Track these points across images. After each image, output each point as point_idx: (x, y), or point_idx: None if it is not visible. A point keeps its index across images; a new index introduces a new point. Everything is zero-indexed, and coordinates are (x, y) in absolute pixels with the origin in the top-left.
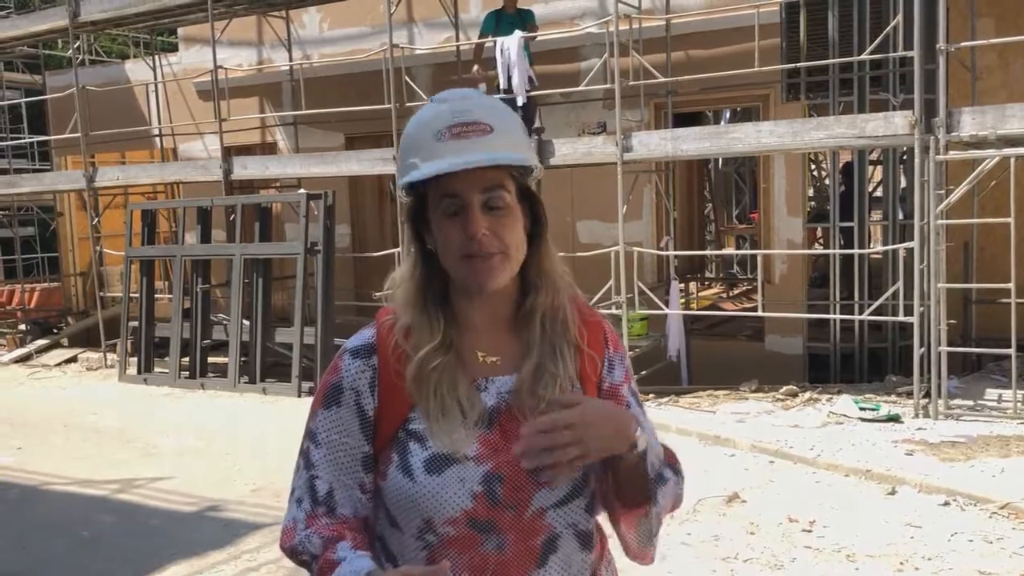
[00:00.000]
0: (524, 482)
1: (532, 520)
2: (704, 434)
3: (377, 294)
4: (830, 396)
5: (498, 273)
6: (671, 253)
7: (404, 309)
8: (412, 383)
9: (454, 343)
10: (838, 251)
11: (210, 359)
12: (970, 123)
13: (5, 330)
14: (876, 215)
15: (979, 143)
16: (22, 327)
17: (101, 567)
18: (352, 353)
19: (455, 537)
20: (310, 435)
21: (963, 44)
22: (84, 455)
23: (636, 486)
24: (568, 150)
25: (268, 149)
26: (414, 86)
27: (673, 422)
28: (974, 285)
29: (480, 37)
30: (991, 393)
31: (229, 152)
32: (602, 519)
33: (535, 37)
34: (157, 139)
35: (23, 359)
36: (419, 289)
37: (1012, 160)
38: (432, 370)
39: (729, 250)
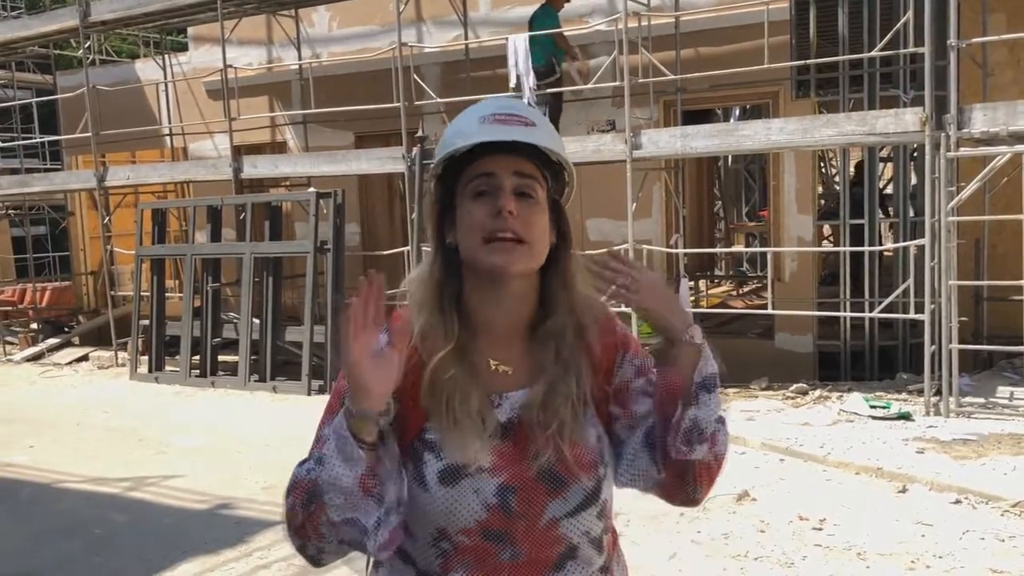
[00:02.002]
0: (537, 493)
1: (546, 530)
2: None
3: (387, 292)
4: (840, 394)
5: (519, 258)
6: (681, 251)
7: (420, 309)
8: (426, 391)
9: (468, 349)
10: (848, 248)
11: (220, 357)
12: (981, 119)
13: (17, 329)
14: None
15: (990, 140)
16: (34, 326)
17: (114, 565)
18: None
19: (469, 546)
20: (322, 442)
21: (974, 40)
22: (96, 453)
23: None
24: (577, 148)
25: (278, 148)
26: (423, 85)
27: None
28: (985, 282)
29: (538, 29)
30: (1003, 391)
31: (239, 151)
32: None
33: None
34: (167, 138)
35: (35, 358)
36: (437, 286)
37: None
38: (447, 380)
39: (739, 248)
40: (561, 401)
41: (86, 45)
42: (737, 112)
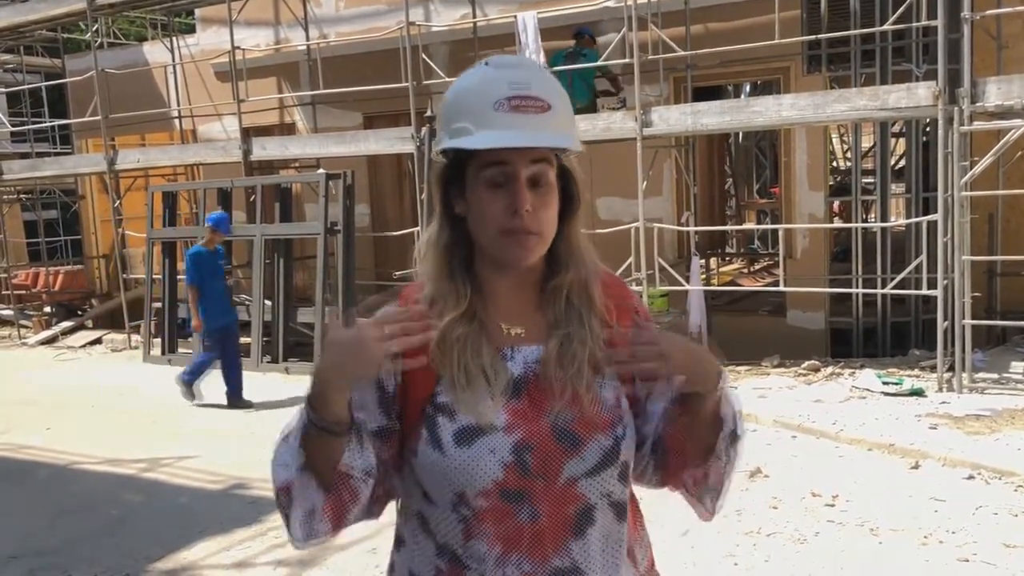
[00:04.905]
0: (554, 451)
1: (564, 489)
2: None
3: (397, 273)
4: (853, 371)
5: (532, 252)
6: (692, 229)
7: (429, 279)
8: (436, 352)
9: (478, 313)
10: (860, 225)
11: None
12: (995, 93)
13: (31, 312)
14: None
15: (1005, 113)
16: (47, 309)
17: (130, 544)
18: None
19: (488, 509)
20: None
21: (988, 12)
22: (111, 435)
23: (705, 434)
24: (587, 126)
25: (287, 129)
26: (431, 64)
27: None
28: (999, 257)
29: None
30: (1016, 366)
31: (248, 133)
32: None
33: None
34: (176, 121)
35: (49, 341)
36: (445, 256)
37: None
38: (456, 339)
39: (750, 225)
40: (578, 346)
41: (94, 28)
42: (748, 88)
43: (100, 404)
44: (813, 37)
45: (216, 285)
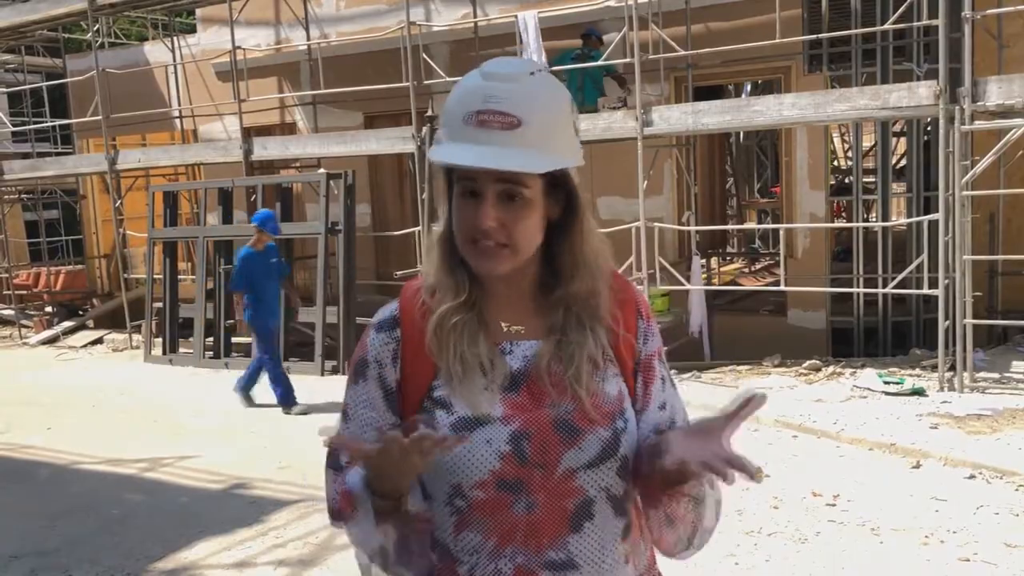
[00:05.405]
0: (552, 441)
1: (562, 481)
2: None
3: (398, 273)
4: (854, 370)
5: (500, 263)
6: (692, 228)
7: (433, 270)
8: (432, 339)
9: (478, 304)
10: (861, 224)
11: (234, 339)
12: (996, 92)
13: (32, 312)
14: (899, 187)
15: (1006, 112)
16: (48, 309)
17: (131, 544)
18: (377, 327)
19: (484, 500)
20: (343, 412)
21: (989, 11)
22: (112, 435)
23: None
24: (588, 126)
25: (287, 129)
26: (432, 64)
27: (696, 398)
28: (1000, 257)
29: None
30: (1017, 365)
31: (249, 133)
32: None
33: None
34: (177, 121)
35: (50, 341)
36: (447, 244)
37: None
38: (452, 327)
39: (751, 224)
40: (576, 349)
41: (95, 28)
42: (748, 87)
43: (101, 404)
44: (814, 36)
45: (268, 285)
